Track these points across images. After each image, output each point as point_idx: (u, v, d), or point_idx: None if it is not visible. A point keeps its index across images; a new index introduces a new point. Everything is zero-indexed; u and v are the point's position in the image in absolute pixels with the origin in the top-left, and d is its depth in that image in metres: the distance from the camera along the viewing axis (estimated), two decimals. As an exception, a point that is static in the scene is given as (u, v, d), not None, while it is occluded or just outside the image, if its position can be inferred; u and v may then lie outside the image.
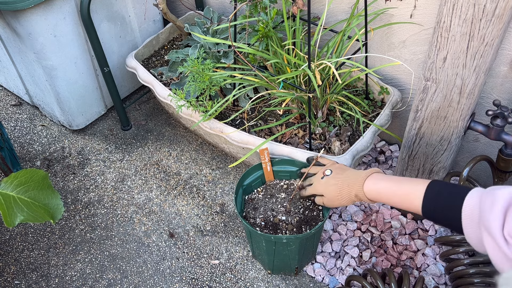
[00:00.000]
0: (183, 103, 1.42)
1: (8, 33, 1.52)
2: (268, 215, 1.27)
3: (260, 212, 1.28)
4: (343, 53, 1.36)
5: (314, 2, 1.51)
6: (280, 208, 1.29)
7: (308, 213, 1.27)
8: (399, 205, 0.98)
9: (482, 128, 1.22)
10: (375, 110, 1.47)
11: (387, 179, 1.02)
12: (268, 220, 1.26)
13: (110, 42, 1.69)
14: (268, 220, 1.26)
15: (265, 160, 1.30)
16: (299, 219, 1.26)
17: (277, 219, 1.27)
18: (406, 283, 1.19)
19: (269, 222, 1.26)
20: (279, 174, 1.35)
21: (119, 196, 1.62)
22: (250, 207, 1.30)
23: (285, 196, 1.32)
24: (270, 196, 1.32)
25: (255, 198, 1.32)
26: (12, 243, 1.51)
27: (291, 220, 1.26)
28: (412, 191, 0.94)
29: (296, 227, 1.25)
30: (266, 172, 1.32)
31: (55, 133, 1.83)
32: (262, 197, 1.32)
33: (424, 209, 0.91)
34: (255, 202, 1.31)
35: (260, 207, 1.30)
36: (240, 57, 1.31)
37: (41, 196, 1.12)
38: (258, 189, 1.34)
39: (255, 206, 1.30)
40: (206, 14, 1.65)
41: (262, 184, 1.35)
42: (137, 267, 1.44)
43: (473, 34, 1.02)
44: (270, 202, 1.31)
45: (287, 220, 1.26)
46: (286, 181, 1.35)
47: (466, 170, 1.27)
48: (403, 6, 1.34)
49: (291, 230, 1.24)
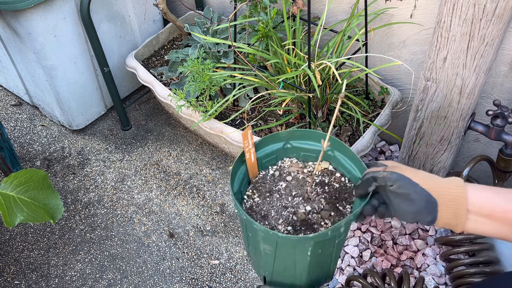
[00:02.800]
0: (183, 103, 1.42)
1: (8, 33, 1.52)
2: (285, 215, 0.94)
3: (274, 217, 0.94)
4: (343, 53, 1.35)
5: (314, 2, 1.51)
6: (293, 199, 0.96)
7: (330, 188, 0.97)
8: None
9: (482, 128, 1.22)
10: (375, 110, 1.47)
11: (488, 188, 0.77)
12: (291, 220, 0.93)
13: (110, 42, 1.69)
14: (291, 221, 0.93)
15: (249, 146, 0.95)
16: (326, 199, 0.95)
17: (301, 213, 0.93)
18: (406, 283, 1.19)
19: (296, 223, 0.92)
20: (263, 162, 1.01)
21: (119, 196, 1.62)
22: (257, 218, 0.95)
23: (286, 184, 0.99)
24: (270, 194, 0.98)
25: (253, 205, 0.97)
26: (12, 243, 1.51)
27: (319, 205, 0.94)
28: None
29: (333, 210, 0.93)
30: (250, 164, 0.98)
31: (55, 133, 1.83)
32: (260, 199, 0.98)
33: None
34: (257, 210, 0.96)
35: (269, 212, 0.95)
36: (240, 57, 1.31)
37: (41, 196, 1.12)
38: (247, 193, 0.99)
39: (262, 214, 0.95)
40: (206, 14, 1.65)
41: (248, 184, 1.01)
42: (137, 267, 1.44)
43: (473, 34, 1.02)
44: (275, 199, 0.97)
45: (315, 208, 0.94)
46: (273, 167, 1.02)
47: (466, 170, 1.27)
48: (403, 6, 1.34)
49: (330, 216, 0.92)
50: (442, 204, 0.74)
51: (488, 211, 0.73)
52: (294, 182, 0.99)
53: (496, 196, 0.74)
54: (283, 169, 1.02)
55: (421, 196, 0.75)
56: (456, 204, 0.74)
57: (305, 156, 1.02)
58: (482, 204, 0.73)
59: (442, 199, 0.74)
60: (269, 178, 1.01)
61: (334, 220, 0.91)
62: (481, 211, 0.73)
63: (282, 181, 1.00)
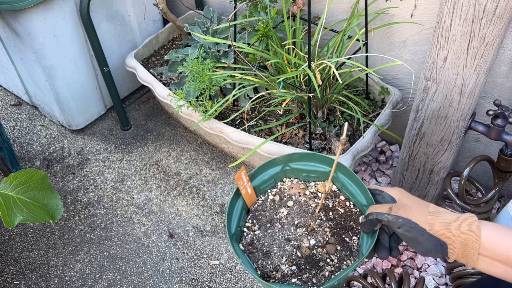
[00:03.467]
0: (183, 103, 1.42)
1: (7, 33, 1.51)
2: (289, 251, 0.86)
3: (277, 255, 0.86)
4: (344, 53, 1.35)
5: (314, 1, 1.51)
6: (296, 230, 0.89)
7: (334, 213, 0.91)
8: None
9: (482, 128, 1.22)
10: (376, 110, 1.47)
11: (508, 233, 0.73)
12: (295, 257, 0.86)
13: (110, 42, 1.69)
14: (295, 258, 0.85)
15: (244, 183, 0.90)
16: (331, 228, 0.89)
17: (306, 249, 0.86)
18: (406, 284, 1.18)
19: (300, 260, 0.85)
20: (261, 188, 0.95)
21: (119, 196, 1.62)
22: (259, 257, 0.87)
23: (288, 211, 0.92)
24: (270, 224, 0.91)
25: (253, 239, 0.89)
26: (12, 244, 1.50)
27: (323, 237, 0.88)
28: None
29: (339, 243, 0.87)
30: (247, 197, 0.92)
31: (54, 133, 1.83)
32: (261, 231, 0.90)
33: None
34: (258, 246, 0.88)
35: (271, 248, 0.87)
36: (240, 57, 1.31)
37: (40, 196, 1.12)
38: (247, 224, 0.91)
39: (263, 251, 0.87)
40: (206, 13, 1.65)
41: (247, 213, 0.93)
42: (136, 268, 1.44)
43: (473, 34, 1.02)
44: (276, 230, 0.90)
45: (319, 241, 0.87)
46: (273, 190, 0.96)
47: (466, 170, 1.27)
48: (404, 5, 1.34)
49: (336, 251, 0.86)
50: (453, 246, 0.73)
51: (505, 258, 0.70)
52: (296, 207, 0.93)
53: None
54: (283, 192, 0.95)
55: (429, 240, 0.73)
56: (467, 248, 0.72)
57: (306, 177, 0.97)
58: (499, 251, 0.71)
59: (452, 242, 0.73)
60: (269, 204, 0.94)
61: (340, 255, 0.86)
62: (496, 257, 0.71)
63: (283, 207, 0.93)
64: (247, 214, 0.93)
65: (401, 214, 0.75)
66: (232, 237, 0.87)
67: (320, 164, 0.94)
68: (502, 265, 0.71)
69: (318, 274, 0.83)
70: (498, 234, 0.72)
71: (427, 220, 0.74)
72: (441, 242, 0.73)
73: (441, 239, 0.73)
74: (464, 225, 0.72)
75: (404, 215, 0.75)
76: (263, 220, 0.92)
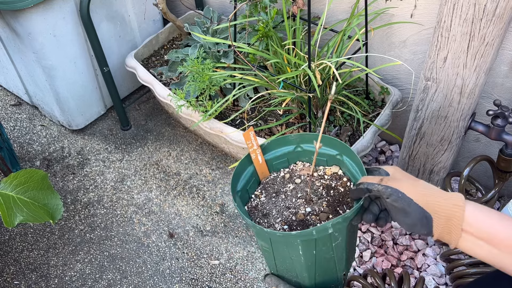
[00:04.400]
0: (183, 103, 1.42)
1: (7, 32, 1.51)
2: (285, 215, 0.94)
3: (274, 216, 0.95)
4: (343, 53, 1.35)
5: (314, 1, 1.51)
6: (297, 200, 0.97)
7: (335, 191, 0.97)
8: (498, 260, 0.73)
9: (482, 128, 1.22)
10: (376, 110, 1.47)
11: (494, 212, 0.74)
12: (290, 220, 0.93)
13: (110, 42, 1.69)
14: (289, 220, 0.93)
15: (254, 147, 0.96)
16: (329, 202, 0.95)
17: (301, 214, 0.93)
18: (406, 284, 1.18)
19: (293, 222, 0.93)
20: (273, 164, 1.03)
21: (119, 196, 1.62)
22: (258, 216, 0.96)
23: (294, 186, 1.00)
24: (276, 195, 1.00)
25: (258, 204, 0.99)
26: (12, 243, 1.50)
27: (320, 208, 0.94)
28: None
29: (332, 213, 0.93)
30: (257, 165, 1.00)
31: (54, 133, 1.83)
32: (266, 199, 0.99)
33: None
34: (260, 208, 0.98)
35: (271, 211, 0.97)
36: (240, 57, 1.31)
37: (40, 196, 1.12)
38: (255, 193, 1.01)
39: (264, 212, 0.97)
40: (206, 13, 1.65)
41: (258, 184, 1.03)
42: (136, 268, 1.44)
43: (473, 34, 1.02)
44: (280, 200, 0.98)
45: (315, 210, 0.94)
46: (285, 170, 1.04)
47: (466, 170, 1.27)
48: (404, 5, 1.34)
49: (327, 218, 0.92)
50: (437, 220, 0.74)
51: (488, 236, 0.71)
52: (302, 184, 0.99)
53: (501, 222, 0.72)
54: (294, 172, 1.03)
55: (416, 211, 0.75)
56: (450, 222, 0.73)
57: (317, 161, 1.01)
58: (482, 227, 0.72)
59: (437, 215, 0.74)
60: (279, 180, 1.03)
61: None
62: (480, 234, 0.72)
63: (290, 183, 1.01)
64: (258, 185, 1.03)
65: (391, 185, 0.78)
66: (236, 193, 0.95)
67: (328, 146, 0.99)
68: (485, 244, 0.72)
69: None
70: (482, 212, 0.73)
71: (415, 191, 0.76)
72: (426, 214, 0.75)
73: (427, 211, 0.74)
74: (450, 200, 0.74)
75: (393, 186, 0.77)
76: (270, 191, 1.01)
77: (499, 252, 0.71)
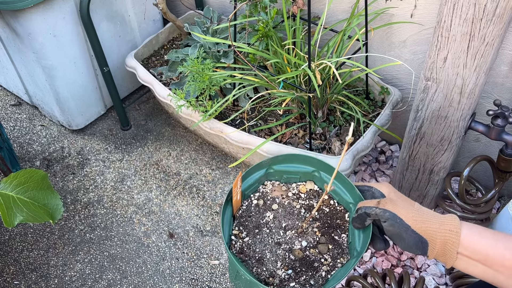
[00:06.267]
0: (182, 103, 1.42)
1: (7, 33, 1.51)
2: (281, 255, 0.86)
3: (270, 260, 0.85)
4: (343, 52, 1.35)
5: (314, 1, 1.51)
6: (286, 233, 0.89)
7: (321, 213, 0.92)
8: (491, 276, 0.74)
9: (482, 128, 1.22)
10: (376, 110, 1.47)
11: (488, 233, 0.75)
12: (289, 261, 0.85)
13: (110, 42, 1.69)
14: (289, 261, 0.85)
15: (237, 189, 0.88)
16: (320, 229, 0.89)
17: (298, 251, 0.86)
18: (406, 284, 1.18)
19: (295, 263, 0.85)
20: (245, 194, 0.94)
21: (119, 196, 1.62)
22: (253, 264, 0.85)
23: (273, 214, 0.91)
24: (258, 230, 0.89)
25: (243, 246, 0.87)
26: (12, 243, 1.50)
27: (315, 237, 0.88)
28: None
29: (330, 242, 0.88)
30: (235, 203, 0.90)
31: (54, 133, 1.83)
32: (250, 238, 0.88)
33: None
34: (248, 252, 0.87)
35: (263, 254, 0.86)
36: (240, 57, 1.31)
37: (40, 196, 1.12)
38: (234, 232, 0.89)
39: (256, 257, 0.86)
40: (206, 13, 1.65)
41: (233, 220, 0.91)
42: (136, 268, 1.44)
43: (473, 34, 1.02)
44: (265, 235, 0.88)
45: (310, 242, 0.87)
46: (256, 195, 0.95)
47: (466, 170, 1.27)
48: (404, 5, 1.34)
49: (328, 250, 0.87)
50: (433, 245, 0.75)
51: (483, 257, 0.72)
52: (281, 210, 0.92)
53: (496, 243, 0.73)
54: (266, 196, 0.94)
55: (412, 237, 0.76)
56: (445, 246, 0.74)
57: (288, 178, 0.97)
58: (477, 250, 0.73)
59: (433, 241, 0.75)
60: (253, 209, 0.92)
61: (333, 253, 0.87)
62: (475, 256, 0.73)
63: (268, 211, 0.92)
64: (233, 221, 0.91)
65: (389, 208, 0.77)
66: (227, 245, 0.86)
67: (303, 164, 0.95)
68: (480, 264, 0.73)
69: (315, 275, 0.84)
70: (477, 233, 0.74)
71: (412, 217, 0.76)
72: (422, 239, 0.75)
73: (423, 236, 0.75)
74: (445, 225, 0.75)
75: (391, 209, 0.77)
76: (250, 226, 0.90)
77: (495, 272, 0.72)
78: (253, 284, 0.79)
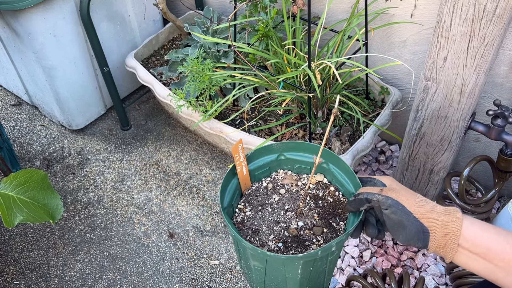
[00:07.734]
0: (182, 103, 1.42)
1: (7, 32, 1.51)
2: (277, 231, 0.91)
3: (265, 233, 0.91)
4: (343, 52, 1.35)
5: (314, 1, 1.51)
6: (286, 213, 0.94)
7: (324, 202, 0.95)
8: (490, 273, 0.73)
9: (482, 128, 1.22)
10: (376, 110, 1.47)
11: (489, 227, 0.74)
12: (282, 236, 0.90)
13: (110, 42, 1.69)
14: (282, 236, 0.90)
15: (240, 159, 0.93)
16: (320, 214, 0.93)
17: (293, 229, 0.91)
18: (406, 284, 1.18)
19: (287, 239, 0.89)
20: (256, 174, 0.99)
21: (119, 196, 1.62)
22: (248, 233, 0.92)
23: (279, 197, 0.97)
24: (262, 208, 0.95)
25: (244, 219, 0.94)
26: (12, 243, 1.50)
27: (311, 221, 0.92)
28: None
29: (326, 226, 0.91)
30: (241, 177, 0.95)
31: (54, 133, 1.83)
32: (252, 213, 0.95)
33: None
34: (248, 224, 0.93)
35: (260, 227, 0.92)
36: (240, 57, 1.31)
37: (40, 196, 1.12)
38: (239, 206, 0.96)
39: (253, 229, 0.92)
40: (206, 13, 1.65)
41: (240, 197, 0.98)
42: (136, 268, 1.44)
43: (473, 34, 1.02)
44: (267, 213, 0.94)
45: (307, 224, 0.91)
46: (267, 179, 1.00)
47: (466, 170, 1.27)
48: (404, 5, 1.34)
49: (322, 233, 0.90)
50: (434, 234, 0.74)
51: (483, 251, 0.72)
52: (287, 195, 0.97)
53: (497, 237, 0.72)
54: (276, 182, 0.99)
55: (414, 225, 0.75)
56: (447, 237, 0.73)
57: (300, 169, 1.01)
58: (478, 243, 0.72)
59: (434, 230, 0.74)
60: (262, 190, 0.98)
61: (326, 237, 0.89)
62: (475, 249, 0.72)
63: (275, 194, 0.97)
64: (240, 197, 0.98)
65: (391, 196, 0.77)
66: (224, 210, 0.90)
67: (312, 154, 0.97)
68: (480, 259, 0.72)
69: (303, 252, 0.86)
70: (478, 227, 0.73)
71: (414, 204, 0.76)
72: (424, 228, 0.75)
73: (425, 225, 0.74)
74: (447, 215, 0.74)
75: (394, 197, 0.77)
76: (254, 204, 0.96)
77: (495, 266, 0.71)
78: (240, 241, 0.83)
